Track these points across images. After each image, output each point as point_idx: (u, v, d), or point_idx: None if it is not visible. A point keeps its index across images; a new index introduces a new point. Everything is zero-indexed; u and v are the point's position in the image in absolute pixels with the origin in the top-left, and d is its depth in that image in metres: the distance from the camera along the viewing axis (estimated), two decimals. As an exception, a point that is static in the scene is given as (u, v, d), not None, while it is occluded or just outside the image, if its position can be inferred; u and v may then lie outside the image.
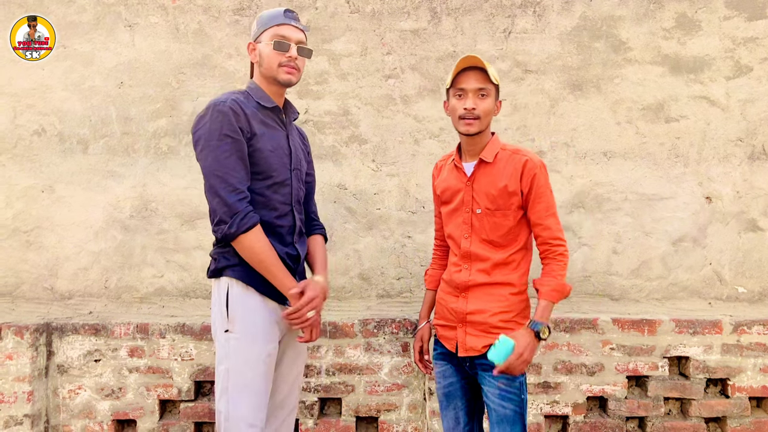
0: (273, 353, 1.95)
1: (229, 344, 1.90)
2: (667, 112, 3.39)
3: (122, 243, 3.35)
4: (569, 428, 2.80)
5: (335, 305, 3.21)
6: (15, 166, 3.35)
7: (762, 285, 3.39)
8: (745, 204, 3.40)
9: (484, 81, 1.95)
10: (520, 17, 3.41)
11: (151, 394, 2.75)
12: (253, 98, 1.98)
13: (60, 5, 3.36)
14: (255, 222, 1.86)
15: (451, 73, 1.98)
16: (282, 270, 1.90)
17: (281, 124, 2.04)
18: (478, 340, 1.98)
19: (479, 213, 2.00)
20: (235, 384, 1.88)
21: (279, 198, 1.97)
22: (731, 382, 2.80)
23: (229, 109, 1.86)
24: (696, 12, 3.39)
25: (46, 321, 2.78)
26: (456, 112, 1.97)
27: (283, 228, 1.99)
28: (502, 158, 2.01)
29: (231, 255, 1.92)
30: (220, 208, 1.84)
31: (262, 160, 1.92)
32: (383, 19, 3.40)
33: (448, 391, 2.09)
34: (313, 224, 2.23)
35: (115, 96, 3.37)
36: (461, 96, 1.96)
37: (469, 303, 2.01)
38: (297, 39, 1.98)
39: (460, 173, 2.05)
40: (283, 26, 1.97)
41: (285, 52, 1.95)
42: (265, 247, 1.88)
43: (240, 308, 1.91)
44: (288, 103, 2.12)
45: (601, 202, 3.40)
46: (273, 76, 1.97)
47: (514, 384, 1.94)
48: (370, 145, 3.40)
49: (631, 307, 3.16)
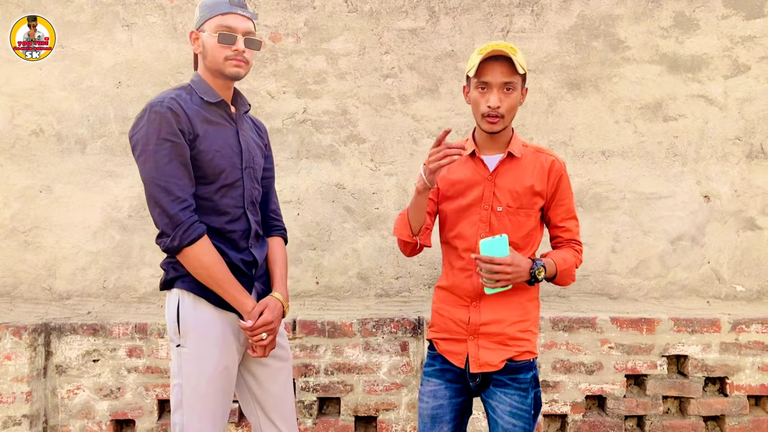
0: (231, 365, 1.82)
1: (181, 358, 1.77)
2: (665, 111, 3.40)
3: (120, 243, 3.35)
4: (568, 427, 2.80)
5: (334, 305, 3.21)
6: (13, 166, 3.35)
7: (760, 283, 3.39)
8: (744, 203, 3.40)
9: (510, 74, 1.74)
10: (518, 16, 3.41)
11: (150, 393, 2.74)
12: (196, 93, 1.80)
13: (58, 5, 3.36)
14: (200, 233, 1.71)
15: (476, 61, 1.74)
16: (233, 285, 1.75)
17: (229, 120, 1.86)
18: (494, 354, 1.80)
19: (500, 211, 1.82)
20: (189, 399, 1.77)
21: (229, 201, 1.81)
22: (730, 380, 2.81)
23: (167, 110, 1.69)
24: (694, 11, 3.39)
25: (44, 321, 2.77)
26: (479, 107, 1.77)
27: (236, 233, 1.83)
28: (526, 155, 1.86)
29: (180, 265, 1.77)
30: (161, 220, 1.70)
31: (207, 162, 1.75)
32: (381, 19, 3.40)
33: (436, 413, 1.87)
34: (272, 225, 2.04)
35: (113, 96, 3.37)
36: (485, 90, 1.76)
37: (482, 313, 1.82)
38: (244, 29, 1.78)
39: (480, 166, 1.85)
40: (229, 15, 1.77)
41: (231, 45, 1.76)
42: (213, 260, 1.72)
43: (191, 321, 1.77)
44: (238, 95, 1.93)
45: (599, 201, 3.40)
46: (219, 70, 1.79)
47: (526, 402, 1.80)
48: (369, 145, 3.40)
49: (629, 306, 3.16)
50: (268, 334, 1.79)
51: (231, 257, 1.79)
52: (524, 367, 1.81)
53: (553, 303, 3.23)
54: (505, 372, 1.80)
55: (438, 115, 3.38)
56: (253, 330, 1.76)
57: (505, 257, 1.71)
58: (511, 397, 1.79)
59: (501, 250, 1.72)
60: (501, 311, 1.82)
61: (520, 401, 1.79)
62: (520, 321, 1.82)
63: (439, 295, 1.94)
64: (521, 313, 1.83)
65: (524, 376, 1.81)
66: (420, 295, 3.38)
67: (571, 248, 1.91)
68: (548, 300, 3.31)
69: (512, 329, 1.81)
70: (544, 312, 2.88)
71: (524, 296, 1.85)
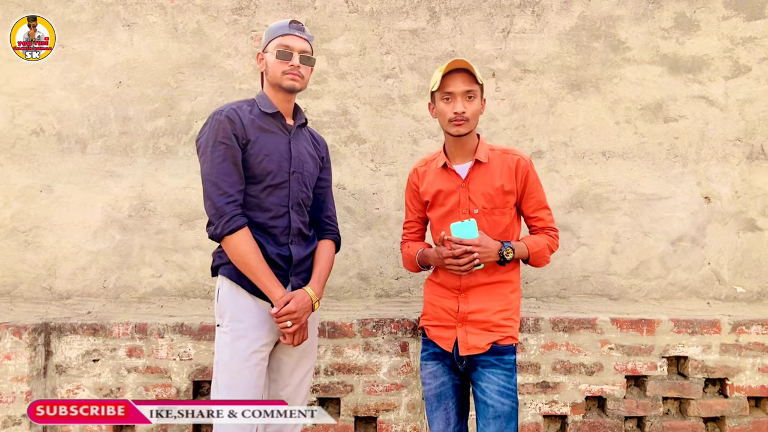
0: (262, 351, 2.01)
1: (220, 338, 2.01)
2: (665, 112, 3.40)
3: (121, 243, 3.35)
4: (568, 428, 2.80)
5: (334, 305, 3.21)
6: (13, 165, 3.35)
7: (760, 285, 3.39)
8: (744, 204, 3.40)
9: (470, 83, 1.99)
10: (519, 17, 3.41)
11: (150, 393, 2.74)
12: (257, 106, 2.08)
13: (58, 5, 3.36)
14: (240, 225, 1.94)
15: (438, 77, 2.01)
16: (266, 274, 1.96)
17: (283, 130, 2.11)
18: (480, 338, 2.02)
19: (476, 213, 2.05)
20: (223, 377, 1.97)
21: (274, 200, 2.04)
22: (730, 381, 2.81)
23: (225, 118, 1.97)
24: (695, 12, 3.39)
25: (44, 321, 2.77)
26: (445, 115, 2.02)
27: (277, 228, 2.04)
28: (493, 159, 2.08)
29: (225, 254, 2.01)
30: (210, 211, 1.95)
31: (256, 164, 1.99)
32: (382, 19, 3.40)
33: (440, 391, 2.10)
34: (326, 228, 2.27)
35: (113, 96, 3.37)
36: (449, 99, 2.01)
37: (470, 303, 2.06)
38: (300, 48, 2.07)
39: (453, 175, 2.09)
40: (288, 36, 2.06)
41: (287, 60, 2.04)
42: (250, 249, 1.94)
43: (229, 305, 2.01)
44: (297, 110, 2.20)
45: (599, 202, 3.40)
46: (277, 83, 2.06)
47: (512, 381, 2.00)
48: (369, 145, 3.40)
49: (629, 306, 3.16)
50: (293, 323, 1.97)
51: (268, 251, 2.00)
52: (508, 350, 2.03)
53: (553, 304, 3.23)
54: (491, 353, 2.01)
55: (438, 116, 3.38)
56: (278, 316, 1.96)
57: (473, 239, 1.96)
58: (499, 377, 1.99)
59: (470, 231, 1.96)
60: (486, 301, 2.05)
61: (506, 380, 1.99)
62: (503, 310, 2.05)
63: (430, 287, 2.19)
64: (504, 303, 2.06)
65: (508, 357, 2.02)
66: (420, 296, 3.37)
67: (545, 234, 2.13)
68: (548, 301, 3.31)
69: (497, 317, 2.03)
70: (544, 312, 2.88)
71: (507, 288, 2.08)
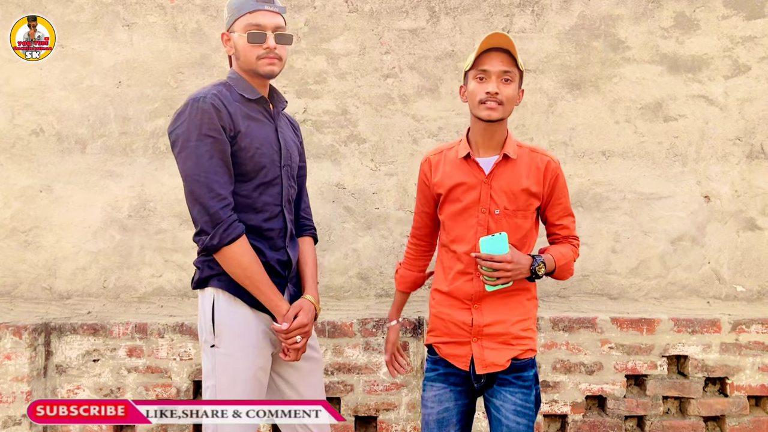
0: (265, 366, 1.80)
1: (215, 359, 1.74)
2: (665, 111, 3.39)
3: (121, 243, 3.35)
4: (568, 427, 2.80)
5: (334, 305, 3.21)
6: (13, 165, 3.35)
7: (760, 284, 3.39)
8: (744, 203, 3.40)
9: (510, 64, 1.74)
10: (519, 16, 3.40)
11: (150, 393, 2.74)
12: (235, 90, 1.77)
13: (58, 5, 3.36)
14: (240, 232, 1.69)
15: (474, 53, 1.75)
16: (270, 287, 1.73)
17: (269, 117, 1.84)
18: (499, 354, 1.79)
19: (497, 214, 1.80)
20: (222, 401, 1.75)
21: (267, 199, 1.79)
22: (730, 381, 2.81)
23: (210, 106, 1.66)
24: (694, 11, 3.39)
25: (44, 321, 2.77)
26: (476, 96, 1.74)
27: (273, 231, 1.81)
28: (521, 156, 1.84)
29: (216, 263, 1.73)
30: (201, 217, 1.67)
31: (247, 159, 1.72)
32: (382, 19, 3.40)
33: (443, 417, 1.85)
34: (303, 224, 2.01)
35: (113, 96, 3.36)
36: (483, 79, 1.74)
37: (485, 314, 1.81)
38: (273, 25, 1.74)
39: (475, 168, 1.83)
40: (257, 13, 1.72)
41: (261, 43, 1.72)
42: (251, 260, 1.70)
43: (227, 321, 1.74)
44: (274, 91, 1.91)
45: (599, 201, 3.40)
46: (252, 70, 1.77)
47: (529, 399, 1.81)
48: (369, 145, 3.40)
49: (629, 306, 3.16)
50: (303, 337, 1.78)
51: (267, 257, 1.77)
52: (527, 364, 1.82)
53: (553, 303, 3.23)
54: (510, 371, 1.80)
55: (438, 115, 3.38)
56: (287, 333, 1.74)
57: (505, 254, 1.73)
58: (515, 396, 1.79)
59: (501, 247, 1.73)
60: (503, 312, 1.82)
61: (524, 399, 1.80)
62: (522, 320, 1.83)
63: (437, 299, 1.91)
64: (522, 312, 1.83)
65: (527, 373, 1.82)
66: (420, 295, 3.37)
67: (568, 243, 1.92)
68: (548, 300, 3.31)
69: (515, 328, 1.81)
70: (544, 312, 2.88)
71: (524, 296, 1.85)
